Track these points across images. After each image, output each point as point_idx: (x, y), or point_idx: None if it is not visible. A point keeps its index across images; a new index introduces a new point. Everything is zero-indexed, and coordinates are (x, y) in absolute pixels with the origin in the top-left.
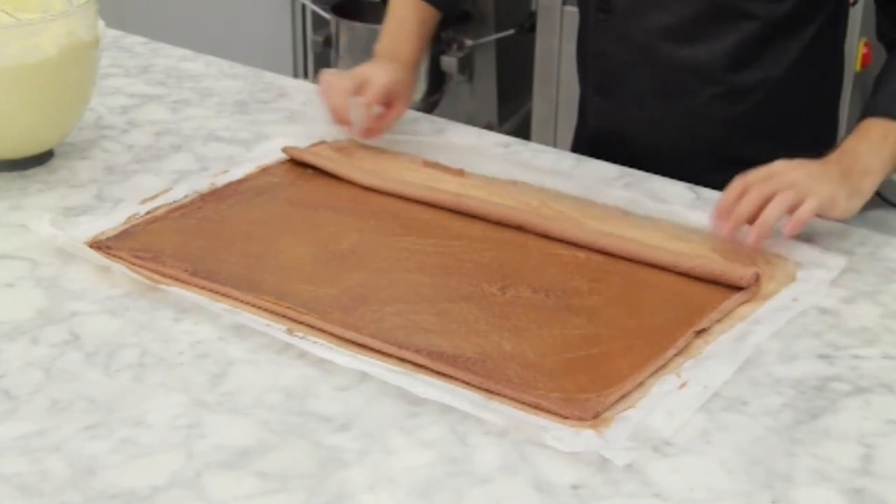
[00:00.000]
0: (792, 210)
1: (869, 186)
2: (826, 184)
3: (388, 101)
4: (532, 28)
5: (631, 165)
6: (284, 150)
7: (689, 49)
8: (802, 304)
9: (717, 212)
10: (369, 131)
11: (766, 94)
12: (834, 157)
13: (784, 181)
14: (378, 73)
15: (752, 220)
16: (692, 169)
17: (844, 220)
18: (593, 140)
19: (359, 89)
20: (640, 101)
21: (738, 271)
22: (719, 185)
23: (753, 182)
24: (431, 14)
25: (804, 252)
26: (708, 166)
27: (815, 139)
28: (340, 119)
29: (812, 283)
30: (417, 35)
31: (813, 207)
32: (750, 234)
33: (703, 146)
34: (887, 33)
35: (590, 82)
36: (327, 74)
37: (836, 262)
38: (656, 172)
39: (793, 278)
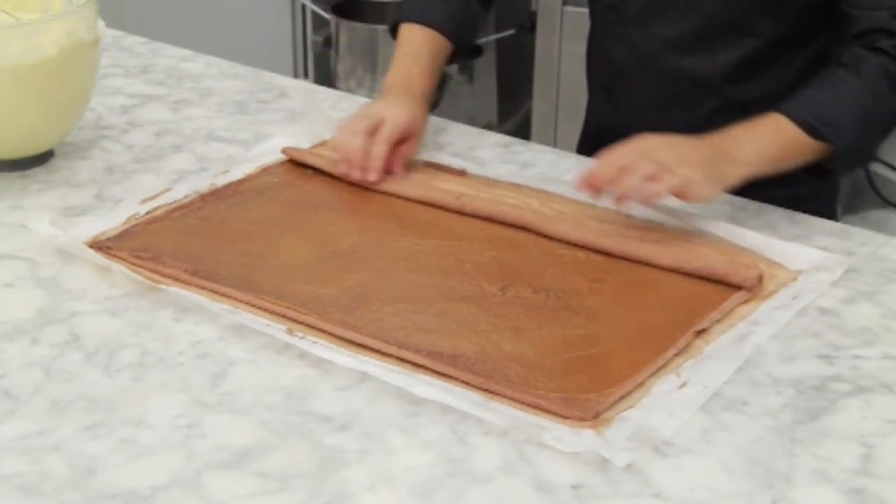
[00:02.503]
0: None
1: (735, 176)
2: (688, 167)
3: (402, 139)
4: (532, 28)
5: None
6: (284, 150)
7: (691, 60)
8: (802, 302)
9: (582, 179)
10: (386, 172)
11: (766, 108)
12: (714, 137)
13: (649, 157)
14: (393, 112)
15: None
16: None
17: (703, 204)
18: (596, 140)
19: (374, 130)
20: (641, 108)
21: (741, 272)
22: None
23: (620, 154)
24: (443, 45)
25: (806, 254)
26: None
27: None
28: (352, 162)
29: (813, 283)
30: (430, 68)
31: (666, 188)
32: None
33: None
34: (836, 49)
35: (595, 83)
36: (342, 122)
37: (839, 263)
38: None
39: (794, 278)
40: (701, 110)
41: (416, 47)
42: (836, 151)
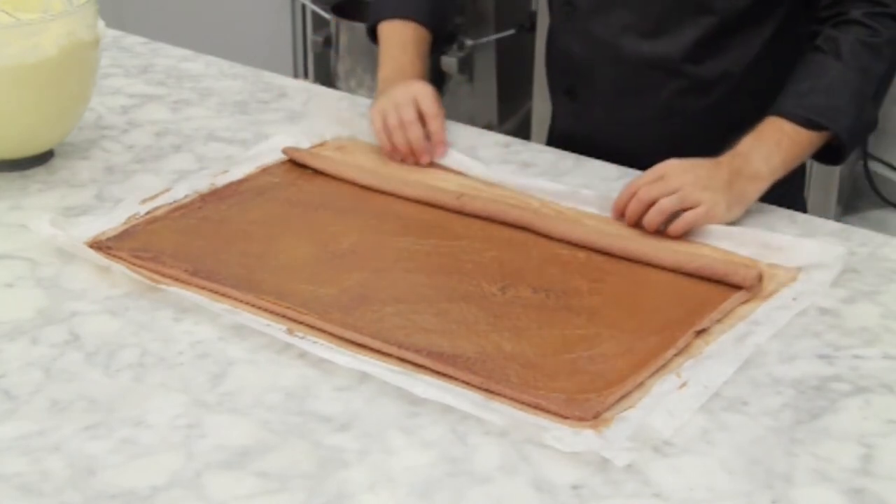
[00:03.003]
0: (674, 213)
1: (754, 192)
2: (709, 192)
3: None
4: (532, 28)
5: (608, 158)
6: (284, 150)
7: (650, 44)
8: (802, 303)
9: (613, 213)
10: (441, 146)
11: (730, 87)
12: (726, 158)
13: (671, 185)
14: (415, 89)
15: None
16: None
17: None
18: (564, 143)
19: (419, 114)
20: (605, 100)
21: (740, 272)
22: None
23: (643, 184)
24: (424, 34)
25: (805, 252)
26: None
27: None
28: (405, 156)
29: (812, 283)
30: (419, 55)
31: (694, 218)
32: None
33: (670, 142)
34: (806, 27)
35: (557, 86)
36: (377, 119)
37: (837, 258)
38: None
39: (793, 278)
40: (664, 93)
41: (399, 40)
42: (839, 136)
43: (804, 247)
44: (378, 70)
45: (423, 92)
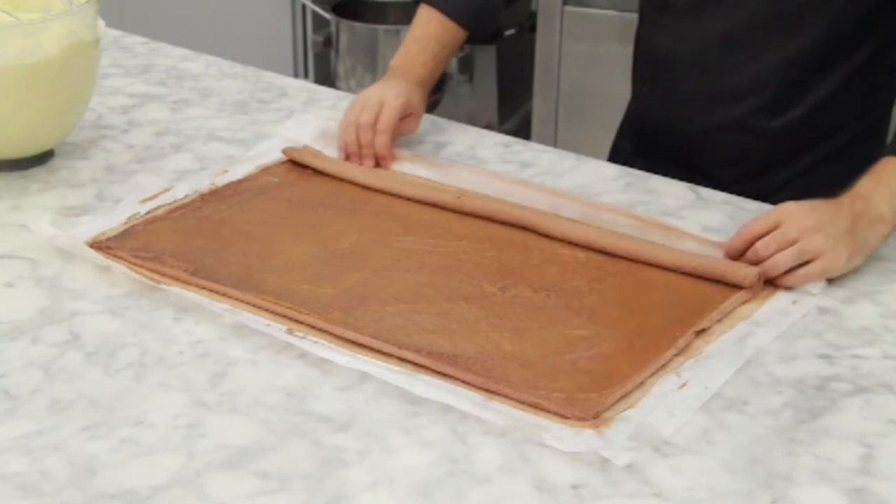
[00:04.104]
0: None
1: (876, 237)
2: (831, 240)
3: (401, 117)
4: (532, 28)
5: (666, 156)
6: (285, 151)
7: (737, 57)
8: (803, 305)
9: (736, 248)
10: (384, 160)
11: (809, 112)
12: (846, 200)
13: (790, 235)
14: (389, 96)
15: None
16: (726, 176)
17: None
18: (635, 127)
19: (375, 121)
20: (682, 101)
21: (740, 271)
22: (757, 194)
23: (758, 231)
24: (456, 35)
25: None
26: (742, 176)
27: (859, 162)
28: (350, 155)
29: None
30: (435, 58)
31: (817, 272)
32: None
33: (737, 155)
34: None
35: (639, 71)
36: (346, 110)
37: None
38: (690, 169)
39: None
40: (742, 107)
41: (427, 34)
42: None
43: None
44: (396, 55)
45: (392, 103)
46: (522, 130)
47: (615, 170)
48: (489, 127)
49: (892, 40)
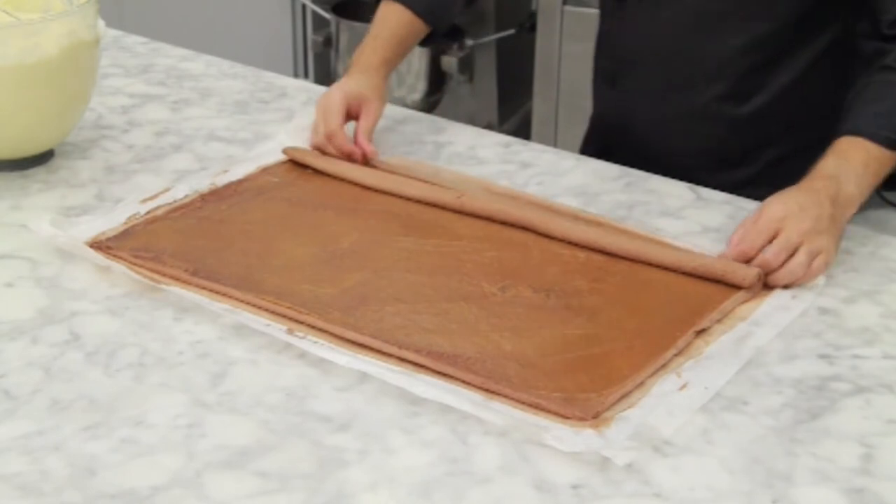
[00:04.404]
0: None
1: (848, 217)
2: (825, 236)
3: (355, 109)
4: (532, 28)
5: (633, 157)
6: (285, 151)
7: (698, 44)
8: (802, 302)
9: (738, 251)
10: (355, 154)
11: (772, 98)
12: (819, 185)
13: (793, 241)
14: (329, 96)
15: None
16: (694, 166)
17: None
18: (600, 128)
19: (331, 131)
20: (645, 94)
21: (740, 271)
22: (720, 185)
23: (759, 240)
24: (420, 27)
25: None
26: (709, 165)
27: (825, 147)
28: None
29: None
30: (400, 53)
31: (823, 267)
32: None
33: (703, 144)
34: (868, 43)
35: (600, 70)
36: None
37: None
38: (657, 167)
39: None
40: (704, 95)
41: (388, 29)
42: None
43: None
44: (357, 51)
45: (332, 107)
46: (522, 130)
47: (615, 170)
48: (489, 127)
49: (851, 27)
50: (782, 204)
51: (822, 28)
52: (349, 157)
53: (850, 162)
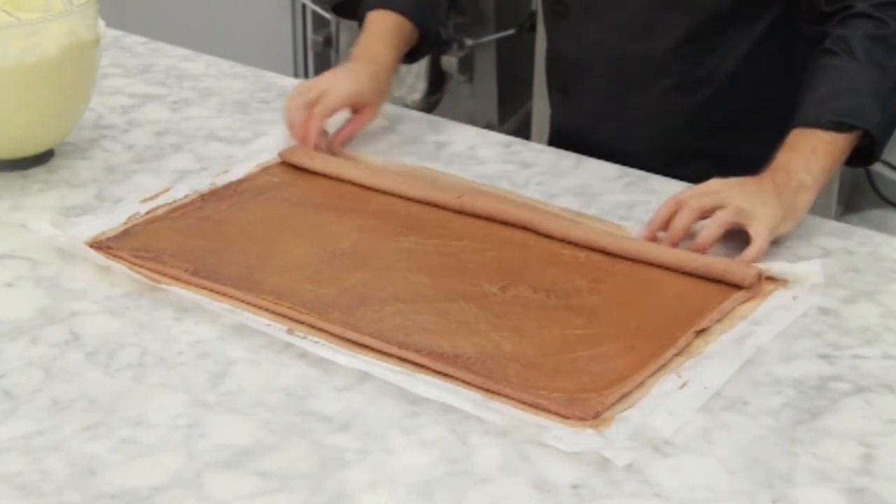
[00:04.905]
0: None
1: (803, 203)
2: (760, 205)
3: (354, 108)
4: (532, 28)
5: (598, 153)
6: (281, 154)
7: (640, 43)
8: (802, 302)
9: (651, 225)
10: (331, 144)
11: (719, 85)
12: (767, 174)
13: (723, 198)
14: (336, 84)
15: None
16: (654, 164)
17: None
18: (560, 140)
19: (313, 104)
20: (597, 99)
21: (739, 271)
22: (685, 178)
23: (690, 198)
24: (409, 28)
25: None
26: (669, 161)
27: (783, 133)
28: (297, 135)
29: (807, 279)
30: (395, 46)
31: (762, 230)
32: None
33: (662, 140)
34: (809, 27)
35: (552, 83)
36: (295, 90)
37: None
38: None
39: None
40: (653, 92)
41: (380, 26)
42: (872, 133)
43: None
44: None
45: (335, 94)
46: (522, 130)
47: (615, 170)
48: (489, 127)
49: (791, 12)
50: (720, 179)
51: (755, 14)
52: (305, 142)
53: (798, 151)
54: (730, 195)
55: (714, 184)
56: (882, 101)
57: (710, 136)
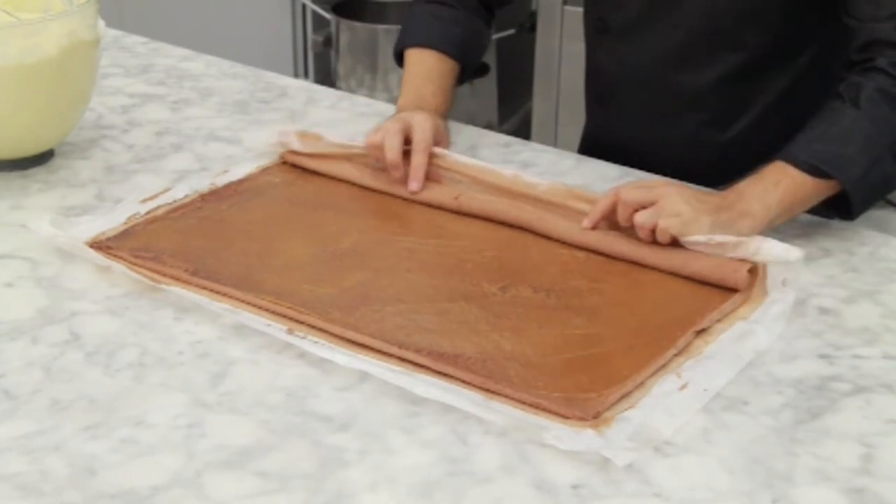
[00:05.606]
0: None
1: (744, 228)
2: (690, 208)
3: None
4: (532, 28)
5: None
6: (282, 156)
7: (678, 75)
8: (793, 292)
9: (590, 217)
10: (414, 182)
11: (755, 123)
12: (724, 192)
13: (654, 193)
14: (418, 119)
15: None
16: None
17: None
18: (594, 143)
19: (405, 132)
20: (632, 118)
21: (729, 278)
22: None
23: (627, 193)
24: (451, 66)
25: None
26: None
27: None
28: (393, 169)
29: (786, 258)
30: (442, 88)
31: (667, 226)
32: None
33: (690, 170)
34: (840, 71)
35: (590, 90)
36: (376, 133)
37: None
38: None
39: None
40: (689, 125)
41: (425, 68)
42: (844, 186)
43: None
44: (399, 97)
45: (420, 124)
46: (522, 130)
47: (615, 170)
48: (489, 127)
49: (831, 48)
50: (667, 181)
51: (795, 55)
52: (395, 173)
53: (760, 180)
54: (665, 191)
55: (656, 180)
56: (871, 157)
57: (739, 174)
